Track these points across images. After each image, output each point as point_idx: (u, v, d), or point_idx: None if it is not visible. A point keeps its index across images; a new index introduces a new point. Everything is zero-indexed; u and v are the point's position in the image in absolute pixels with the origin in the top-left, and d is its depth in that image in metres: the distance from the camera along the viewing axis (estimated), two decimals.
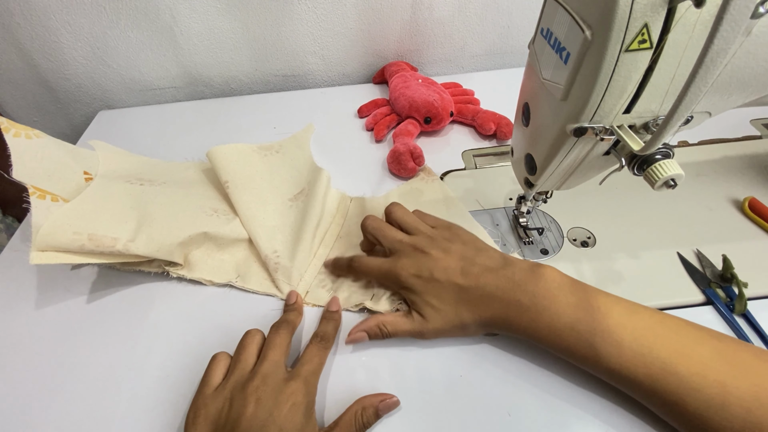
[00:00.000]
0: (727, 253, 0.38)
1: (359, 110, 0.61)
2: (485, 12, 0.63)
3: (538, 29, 0.29)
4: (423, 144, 0.55)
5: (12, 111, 0.66)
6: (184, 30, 0.60)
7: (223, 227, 0.42)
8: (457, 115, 0.57)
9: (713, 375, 0.26)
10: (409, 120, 0.55)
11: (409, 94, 0.56)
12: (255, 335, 0.34)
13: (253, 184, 0.46)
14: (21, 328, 0.39)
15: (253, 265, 0.41)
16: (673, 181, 0.26)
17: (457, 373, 0.34)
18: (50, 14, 0.56)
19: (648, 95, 0.25)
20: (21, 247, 0.46)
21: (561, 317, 0.30)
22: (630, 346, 0.28)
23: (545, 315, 0.30)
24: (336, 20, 0.62)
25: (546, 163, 0.31)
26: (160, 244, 0.39)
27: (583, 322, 0.29)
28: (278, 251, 0.41)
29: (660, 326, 0.28)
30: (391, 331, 0.34)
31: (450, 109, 0.55)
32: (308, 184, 0.47)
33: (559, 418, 0.31)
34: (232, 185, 0.45)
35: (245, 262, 0.42)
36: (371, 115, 0.59)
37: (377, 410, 0.30)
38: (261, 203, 0.44)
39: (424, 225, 0.38)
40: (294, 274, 0.39)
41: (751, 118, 0.54)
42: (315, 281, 0.40)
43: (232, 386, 0.30)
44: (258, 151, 0.51)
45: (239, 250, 0.43)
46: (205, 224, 0.42)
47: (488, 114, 0.55)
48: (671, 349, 0.27)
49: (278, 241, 0.42)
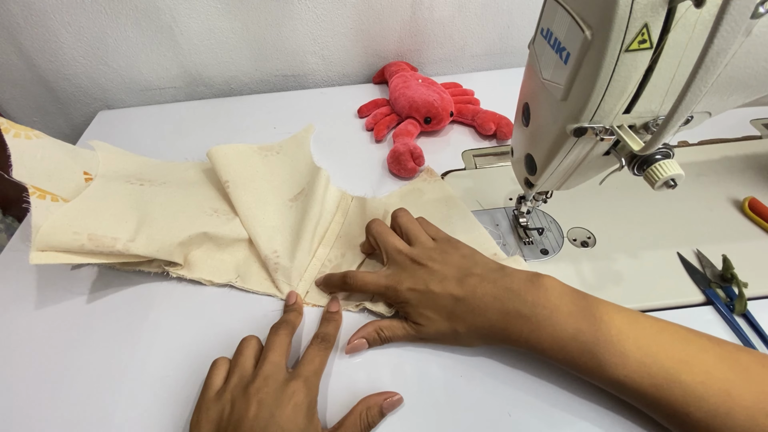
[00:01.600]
0: (727, 253, 0.38)
1: (359, 110, 0.61)
2: (485, 12, 0.63)
3: (538, 29, 0.29)
4: (423, 144, 0.55)
5: (12, 111, 0.66)
6: (184, 30, 0.60)
7: (223, 227, 0.42)
8: (457, 115, 0.57)
9: (718, 384, 0.26)
10: (409, 120, 0.55)
11: (410, 94, 0.56)
12: (251, 340, 0.34)
13: (254, 184, 0.46)
14: (21, 328, 0.39)
15: (253, 265, 0.41)
16: (673, 181, 0.26)
17: (457, 373, 0.34)
18: (50, 14, 0.56)
19: (648, 95, 0.25)
20: (21, 247, 0.46)
21: (563, 327, 0.29)
22: (634, 356, 0.27)
23: (546, 325, 0.29)
24: (336, 20, 0.62)
25: (546, 163, 0.31)
26: (160, 244, 0.39)
27: (585, 332, 0.28)
28: (278, 251, 0.40)
29: (662, 334, 0.28)
30: (389, 336, 0.34)
31: (450, 109, 0.55)
32: (308, 185, 0.47)
33: (559, 418, 0.31)
34: (232, 185, 0.45)
35: (245, 262, 0.42)
36: (371, 115, 0.58)
37: (381, 409, 0.30)
38: (261, 203, 0.44)
39: (425, 236, 0.38)
40: (294, 275, 0.39)
41: (751, 118, 0.54)
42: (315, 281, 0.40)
43: (233, 389, 0.30)
44: (258, 152, 0.51)
45: (239, 250, 0.43)
46: (205, 224, 0.42)
47: (488, 114, 0.55)
48: (675, 358, 0.27)
49: (278, 241, 0.41)
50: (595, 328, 0.28)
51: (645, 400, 0.28)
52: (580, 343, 0.28)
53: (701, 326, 0.29)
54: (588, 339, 0.28)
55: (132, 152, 0.53)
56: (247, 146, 0.50)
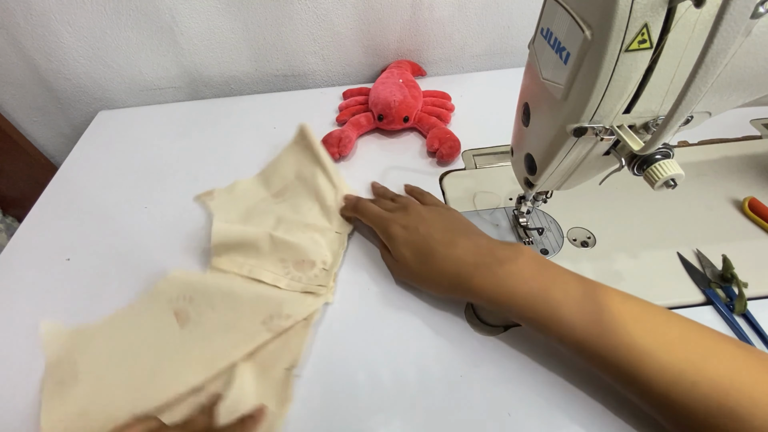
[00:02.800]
0: (727, 253, 0.38)
1: (344, 93, 0.63)
2: (485, 12, 0.63)
3: (538, 29, 0.29)
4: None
5: (12, 111, 0.66)
6: (184, 30, 0.60)
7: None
8: (416, 123, 0.57)
9: (679, 354, 0.26)
10: (368, 113, 0.57)
11: (380, 89, 0.57)
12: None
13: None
14: (21, 328, 0.39)
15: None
16: (673, 181, 0.26)
17: (457, 373, 0.34)
18: (50, 14, 0.56)
19: (648, 95, 0.25)
20: (21, 247, 0.46)
21: (523, 284, 0.31)
22: (587, 319, 0.29)
23: (509, 281, 0.31)
24: (336, 20, 0.62)
25: (546, 163, 0.31)
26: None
27: (540, 290, 0.31)
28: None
29: (624, 305, 0.29)
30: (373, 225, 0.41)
31: (406, 115, 0.55)
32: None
33: (558, 418, 0.31)
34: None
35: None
36: (347, 100, 0.61)
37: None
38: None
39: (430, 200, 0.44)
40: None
41: (751, 118, 0.54)
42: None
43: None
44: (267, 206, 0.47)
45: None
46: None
47: (440, 132, 0.53)
48: (625, 315, 0.28)
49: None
50: (548, 288, 0.31)
51: (601, 363, 0.28)
52: (534, 298, 0.30)
53: None
54: (540, 296, 0.30)
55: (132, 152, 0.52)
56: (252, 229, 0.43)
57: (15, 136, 0.66)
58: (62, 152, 0.71)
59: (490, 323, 0.37)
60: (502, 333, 0.36)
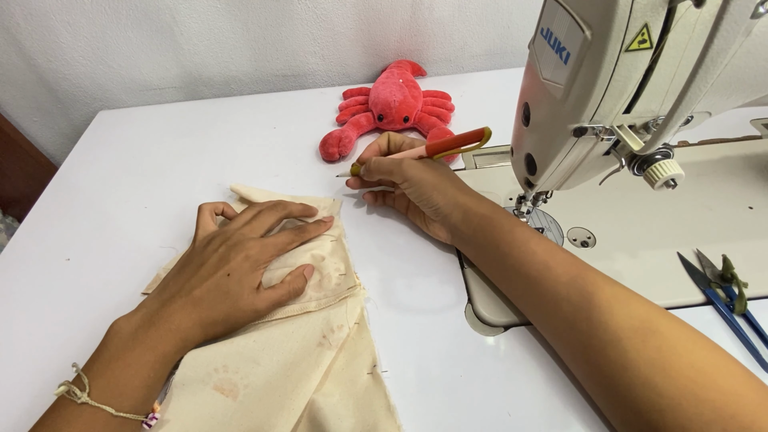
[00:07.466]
0: (727, 253, 0.38)
1: (344, 93, 0.63)
2: (485, 12, 0.63)
3: (538, 29, 0.29)
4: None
5: (12, 111, 0.66)
6: (184, 30, 0.60)
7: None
8: (416, 123, 0.57)
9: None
10: (368, 113, 0.57)
11: (380, 89, 0.57)
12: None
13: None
14: (21, 328, 0.39)
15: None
16: (673, 181, 0.26)
17: (457, 373, 0.34)
18: (50, 14, 0.57)
19: (648, 95, 0.25)
20: (21, 247, 0.46)
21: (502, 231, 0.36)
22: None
23: (499, 229, 0.37)
24: (336, 20, 0.62)
25: (546, 163, 0.31)
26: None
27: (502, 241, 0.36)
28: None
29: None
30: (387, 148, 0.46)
31: (406, 115, 0.55)
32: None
33: (558, 418, 0.31)
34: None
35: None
36: (347, 100, 0.61)
37: (304, 276, 0.39)
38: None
39: None
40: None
41: (751, 118, 0.54)
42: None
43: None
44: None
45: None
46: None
47: (440, 132, 0.53)
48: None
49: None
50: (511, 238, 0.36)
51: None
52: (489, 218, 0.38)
53: (701, 326, 0.29)
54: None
55: (132, 152, 0.52)
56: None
57: (15, 136, 0.66)
58: (62, 152, 0.71)
59: (490, 323, 0.37)
60: (502, 333, 0.36)
